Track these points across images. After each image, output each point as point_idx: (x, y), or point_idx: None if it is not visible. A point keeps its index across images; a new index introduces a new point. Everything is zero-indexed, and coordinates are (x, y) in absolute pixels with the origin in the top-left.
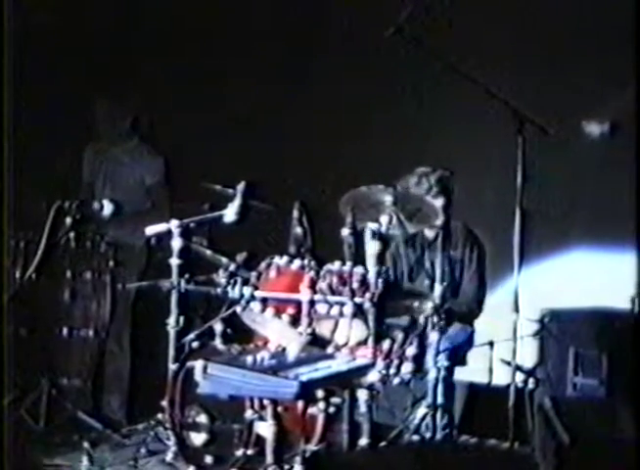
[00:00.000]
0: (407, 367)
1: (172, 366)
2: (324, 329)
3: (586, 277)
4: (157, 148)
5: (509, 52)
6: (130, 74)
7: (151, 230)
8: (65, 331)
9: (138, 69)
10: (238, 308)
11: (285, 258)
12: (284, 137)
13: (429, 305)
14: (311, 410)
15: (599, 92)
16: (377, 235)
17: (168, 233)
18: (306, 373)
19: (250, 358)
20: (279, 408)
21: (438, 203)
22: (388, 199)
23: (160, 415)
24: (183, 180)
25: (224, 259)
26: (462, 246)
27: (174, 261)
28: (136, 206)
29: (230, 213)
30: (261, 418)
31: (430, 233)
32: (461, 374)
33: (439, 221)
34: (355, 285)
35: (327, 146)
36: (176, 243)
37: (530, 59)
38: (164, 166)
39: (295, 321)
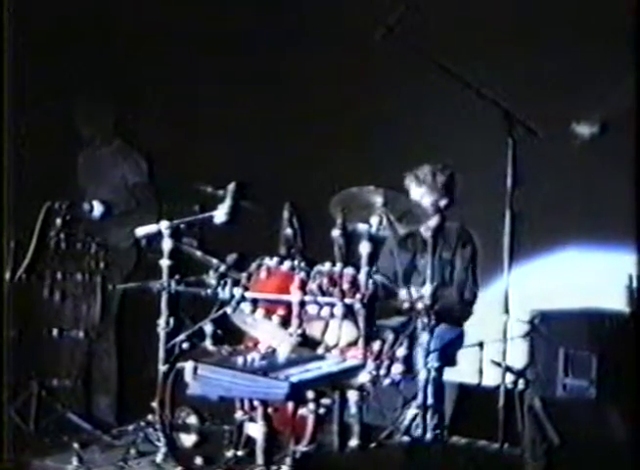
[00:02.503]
0: (397, 368)
1: (162, 367)
2: (314, 330)
3: (577, 278)
4: (144, 149)
5: (500, 53)
6: (116, 74)
7: (141, 231)
8: (55, 332)
9: (125, 68)
10: (228, 310)
11: (275, 259)
12: (274, 138)
13: (419, 306)
14: (301, 411)
15: (590, 93)
16: (367, 236)
17: (158, 234)
18: (297, 374)
19: (240, 359)
20: (269, 409)
21: (443, 202)
22: (378, 200)
23: (150, 416)
24: (173, 181)
25: (214, 260)
26: (454, 246)
27: (164, 262)
28: (121, 206)
29: (220, 214)
30: (251, 419)
31: (426, 233)
32: (451, 375)
33: (435, 222)
34: (345, 286)
35: (317, 147)
36: (166, 244)
37: (523, 60)
38: (147, 166)
39: (285, 322)
